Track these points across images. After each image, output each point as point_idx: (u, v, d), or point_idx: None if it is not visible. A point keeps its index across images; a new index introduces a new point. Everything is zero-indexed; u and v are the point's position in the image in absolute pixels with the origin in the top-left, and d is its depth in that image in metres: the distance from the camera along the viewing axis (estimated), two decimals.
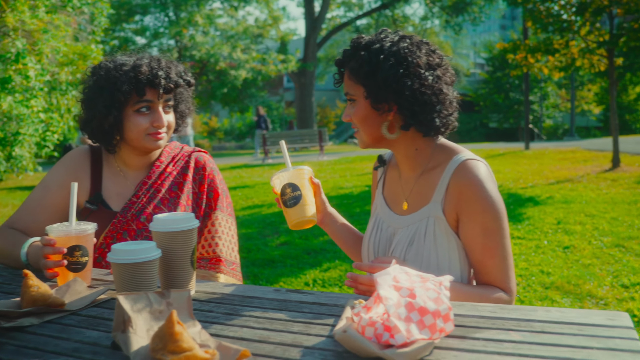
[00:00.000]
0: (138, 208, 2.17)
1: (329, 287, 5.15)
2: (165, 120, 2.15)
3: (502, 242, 1.72)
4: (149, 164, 2.28)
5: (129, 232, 2.14)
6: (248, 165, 17.88)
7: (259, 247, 6.68)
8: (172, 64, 2.19)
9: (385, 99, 1.75)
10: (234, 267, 2.29)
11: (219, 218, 2.29)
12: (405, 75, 1.72)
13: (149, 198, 2.20)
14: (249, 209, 9.41)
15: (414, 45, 1.78)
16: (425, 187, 1.84)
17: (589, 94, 37.78)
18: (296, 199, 1.83)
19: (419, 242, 1.79)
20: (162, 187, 2.23)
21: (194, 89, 2.33)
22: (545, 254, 5.89)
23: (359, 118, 1.82)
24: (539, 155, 16.48)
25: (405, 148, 1.87)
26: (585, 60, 12.16)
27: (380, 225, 1.97)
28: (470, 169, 1.74)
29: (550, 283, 4.94)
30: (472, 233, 1.72)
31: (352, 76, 1.79)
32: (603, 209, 7.89)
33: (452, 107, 1.82)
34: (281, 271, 5.69)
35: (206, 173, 2.31)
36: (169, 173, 2.26)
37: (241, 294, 1.64)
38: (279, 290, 1.65)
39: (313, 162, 17.57)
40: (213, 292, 1.67)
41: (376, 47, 1.76)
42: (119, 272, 1.46)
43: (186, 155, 2.33)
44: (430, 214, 1.78)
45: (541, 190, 9.75)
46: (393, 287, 1.25)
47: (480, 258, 1.72)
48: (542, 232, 6.79)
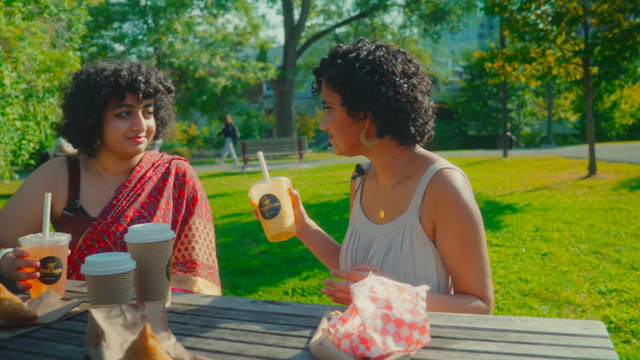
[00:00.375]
0: (118, 211, 2.19)
1: (308, 296, 5.13)
2: (145, 124, 2.18)
3: (479, 250, 1.72)
4: (129, 169, 2.31)
5: (109, 234, 2.15)
6: (227, 173, 17.80)
7: (237, 256, 6.65)
8: (153, 70, 2.23)
9: (360, 106, 1.76)
10: (212, 271, 2.31)
11: (196, 223, 2.32)
12: (379, 82, 1.74)
13: (129, 201, 2.22)
14: (228, 217, 9.37)
15: (390, 54, 1.80)
16: (402, 195, 1.85)
17: (566, 102, 38.21)
18: (275, 211, 1.83)
19: (395, 250, 1.79)
20: (142, 191, 2.26)
21: (174, 95, 2.36)
22: (523, 261, 5.93)
23: (335, 125, 1.83)
24: (517, 163, 16.62)
25: (382, 156, 1.88)
26: (562, 68, 12.31)
27: (358, 234, 1.97)
28: (447, 178, 1.74)
29: (528, 290, 4.97)
30: (449, 242, 1.73)
31: (329, 84, 1.81)
32: (580, 216, 7.97)
33: (428, 115, 1.84)
34: (260, 280, 5.67)
35: (186, 179, 2.35)
36: (149, 177, 2.30)
37: (217, 305, 1.62)
38: (255, 302, 1.64)
39: (292, 170, 17.55)
40: (189, 303, 1.65)
41: (352, 56, 1.77)
42: (93, 284, 1.44)
43: (166, 162, 2.38)
44: (407, 223, 1.79)
45: (519, 198, 9.82)
46: (369, 298, 1.24)
47: (458, 267, 1.73)
48: (521, 239, 6.84)
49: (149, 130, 2.21)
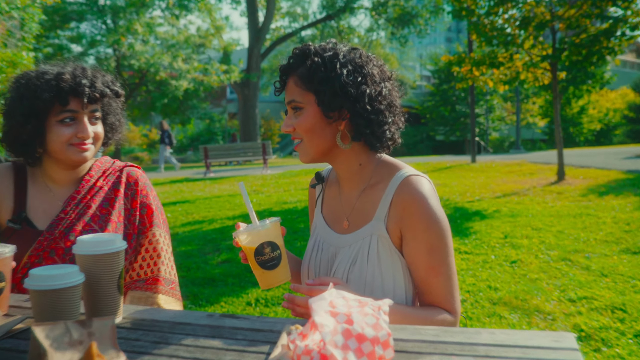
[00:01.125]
0: (66, 225, 2.10)
1: (272, 306, 5.09)
2: (91, 131, 2.10)
3: (447, 260, 1.71)
4: (78, 179, 2.21)
5: (57, 250, 2.06)
6: (189, 179, 17.65)
7: (199, 265, 6.57)
8: (99, 73, 2.16)
9: (339, 106, 1.72)
10: (173, 285, 2.25)
11: (156, 235, 2.24)
12: (363, 83, 1.72)
13: (78, 214, 2.13)
14: (189, 225, 9.27)
15: (365, 57, 1.79)
16: (367, 204, 1.82)
17: (534, 107, 38.87)
18: (276, 261, 1.70)
19: (362, 261, 1.76)
20: (92, 202, 2.17)
21: (123, 100, 2.29)
22: (492, 269, 5.97)
23: (306, 127, 1.77)
24: (485, 169, 16.81)
25: (349, 163, 1.84)
26: (530, 73, 12.50)
27: (321, 245, 1.93)
28: (414, 185, 1.73)
29: (498, 299, 5.00)
30: (416, 251, 1.71)
31: (302, 82, 1.75)
32: (549, 222, 8.07)
33: (402, 121, 1.84)
34: (222, 290, 5.61)
35: (138, 188, 2.26)
36: (100, 188, 2.21)
37: (172, 320, 1.58)
38: (212, 316, 1.59)
39: (256, 176, 17.48)
40: (142, 318, 1.60)
41: (330, 55, 1.74)
42: (38, 299, 1.39)
43: (117, 170, 2.28)
44: (373, 232, 1.76)
45: (488, 204, 9.92)
46: (329, 312, 1.21)
47: (424, 277, 1.71)
48: (489, 246, 6.89)
49: (96, 137, 2.14)
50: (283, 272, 1.73)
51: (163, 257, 2.23)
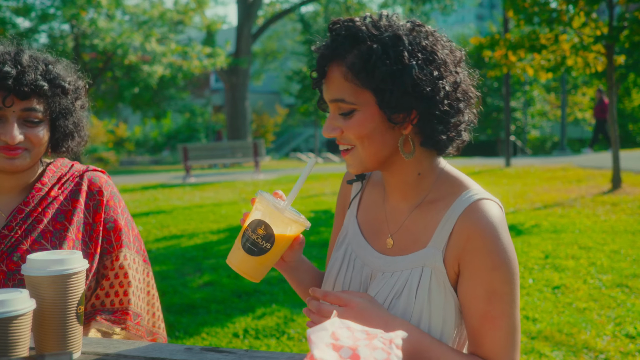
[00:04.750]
0: (10, 244, 2.07)
1: (263, 338, 5.10)
2: (20, 134, 2.02)
3: (511, 311, 1.65)
4: (26, 187, 2.19)
5: None
6: (165, 185, 17.70)
7: (176, 289, 6.59)
8: (42, 61, 2.07)
9: (408, 108, 1.64)
10: (139, 320, 2.21)
11: (127, 258, 2.21)
12: (440, 78, 1.63)
13: (26, 231, 2.11)
14: (165, 240, 9.29)
15: (433, 35, 1.69)
16: (421, 225, 1.77)
17: (584, 100, 38.88)
18: (260, 251, 1.70)
19: (409, 296, 1.71)
20: (44, 216, 2.14)
21: (81, 97, 2.21)
22: (530, 295, 5.97)
23: (363, 133, 1.67)
24: (522, 174, 16.81)
25: (407, 172, 1.77)
26: (579, 58, 12.45)
27: (353, 261, 1.88)
28: (484, 213, 1.67)
29: (537, 332, 4.99)
30: (472, 293, 1.66)
31: (355, 77, 1.64)
32: (601, 240, 8.06)
33: (474, 114, 1.77)
34: (204, 319, 5.62)
35: (103, 199, 2.23)
36: (54, 198, 2.18)
37: (143, 354, 1.59)
38: (191, 349, 1.61)
39: (246, 182, 17.51)
40: (106, 352, 1.61)
41: (390, 36, 1.63)
42: None
43: (76, 176, 2.25)
44: (427, 263, 1.71)
45: (525, 217, 9.92)
46: (331, 346, 1.21)
47: (478, 326, 1.66)
48: (527, 268, 6.89)
49: (33, 142, 2.05)
50: (256, 267, 1.72)
51: (134, 286, 2.21)
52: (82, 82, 2.21)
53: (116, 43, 25.66)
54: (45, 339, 1.53)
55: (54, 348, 1.53)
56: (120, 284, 2.19)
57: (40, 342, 1.54)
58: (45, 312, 1.51)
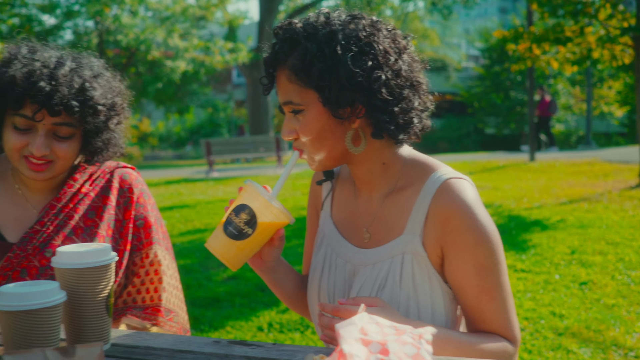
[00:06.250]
0: (43, 239, 2.09)
1: (288, 332, 5.10)
2: (46, 148, 2.01)
3: (500, 280, 1.70)
4: (58, 184, 2.20)
5: (29, 270, 2.06)
6: (188, 180, 17.75)
7: (200, 283, 6.61)
8: (81, 77, 2.04)
9: (351, 101, 1.65)
10: (171, 316, 2.22)
11: (158, 255, 2.22)
12: (376, 67, 1.64)
13: (58, 226, 2.12)
14: (189, 234, 9.32)
15: (372, 26, 1.70)
16: (394, 212, 1.78)
17: (610, 93, 38.51)
18: (241, 235, 1.69)
19: (393, 286, 1.72)
20: (75, 212, 2.15)
21: (123, 115, 2.20)
22: (556, 291, 5.93)
23: (313, 133, 1.70)
24: (547, 168, 16.70)
25: (370, 163, 1.79)
26: (605, 51, 12.33)
27: (334, 261, 1.88)
28: (456, 191, 1.70)
29: (564, 328, 4.96)
30: (463, 273, 1.69)
31: (297, 78, 1.67)
32: (629, 235, 7.99)
33: (429, 100, 1.78)
34: (228, 313, 5.64)
35: (133, 196, 2.24)
36: (85, 195, 2.18)
37: (171, 347, 1.59)
38: (219, 342, 1.61)
39: (269, 176, 17.52)
40: (135, 345, 1.62)
41: (324, 33, 1.65)
42: (9, 322, 1.40)
43: (108, 172, 2.26)
44: (406, 250, 1.73)
45: (550, 212, 9.85)
46: (360, 340, 1.21)
47: (475, 302, 1.69)
48: (553, 263, 6.85)
49: (58, 155, 2.04)
50: (233, 252, 1.71)
51: (166, 283, 2.22)
52: (122, 98, 2.20)
53: (139, 39, 25.79)
54: (75, 330, 1.54)
55: (84, 339, 1.54)
56: (151, 281, 2.20)
57: (71, 334, 1.55)
58: (75, 304, 1.52)
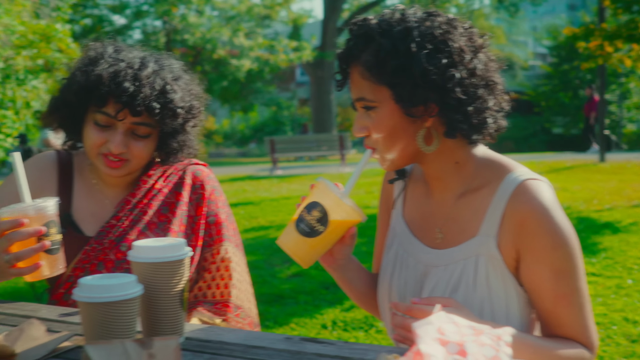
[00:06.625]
0: (118, 233, 2.13)
1: (352, 331, 5.10)
2: (124, 146, 2.06)
3: (578, 285, 1.67)
4: (133, 180, 2.24)
5: (106, 263, 2.10)
6: (252, 177, 17.89)
7: (265, 279, 6.65)
8: (163, 79, 2.08)
9: (424, 100, 1.64)
10: (239, 312, 2.24)
11: (228, 251, 2.24)
12: (450, 65, 1.63)
13: (133, 221, 2.16)
14: (254, 231, 9.39)
15: (448, 23, 1.68)
16: (468, 213, 1.76)
17: None
18: (313, 233, 1.69)
19: (466, 288, 1.71)
20: (149, 208, 2.19)
21: (199, 117, 2.22)
22: (629, 296, 5.80)
23: (385, 130, 1.70)
24: (618, 170, 16.35)
25: (442, 162, 1.78)
26: None
27: (405, 260, 1.88)
28: (533, 193, 1.66)
29: (637, 335, 4.85)
30: (540, 277, 1.66)
31: (370, 74, 1.67)
32: None
33: (505, 100, 1.76)
34: (292, 310, 5.65)
35: (205, 193, 2.27)
36: (159, 191, 2.22)
37: (244, 342, 1.60)
38: (291, 339, 1.61)
39: (332, 175, 17.55)
40: (207, 339, 1.63)
41: (399, 30, 1.64)
42: (89, 313, 1.42)
43: (180, 169, 2.29)
44: (480, 252, 1.71)
45: (622, 215, 9.64)
46: (438, 340, 1.19)
47: (552, 307, 1.67)
48: (625, 267, 6.70)
49: (134, 154, 2.08)
50: (305, 250, 1.70)
51: (235, 279, 2.24)
52: (199, 101, 2.21)
53: (205, 38, 26.15)
54: (151, 323, 1.56)
55: (159, 332, 1.56)
56: (221, 277, 2.22)
57: (146, 326, 1.57)
58: (150, 297, 1.54)
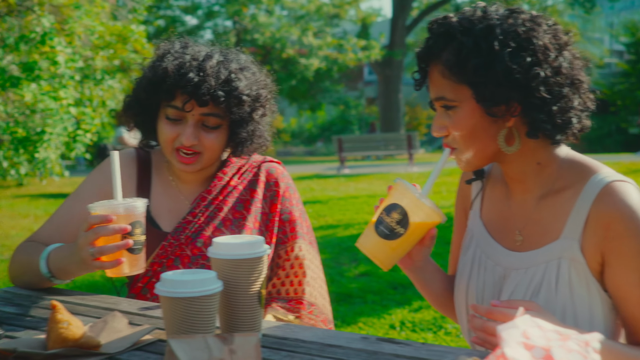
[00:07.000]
0: (194, 229, 2.17)
1: (420, 332, 5.06)
2: (195, 138, 2.08)
3: None
4: (209, 177, 2.27)
5: (182, 258, 2.14)
6: (320, 176, 17.92)
7: (333, 278, 6.65)
8: (227, 69, 2.10)
9: (506, 99, 1.61)
10: (312, 309, 2.25)
11: (302, 249, 2.25)
12: (534, 63, 1.59)
13: (208, 218, 2.19)
14: (321, 229, 9.40)
15: (531, 21, 1.64)
16: (550, 215, 1.72)
17: None
18: (393, 235, 1.67)
19: (548, 292, 1.67)
20: (225, 204, 2.22)
21: (269, 108, 2.23)
22: None
23: (465, 130, 1.67)
24: None
25: (523, 163, 1.73)
26: None
27: (483, 262, 1.85)
28: (620, 195, 1.62)
29: None
30: (626, 282, 1.61)
31: (450, 73, 1.64)
32: None
33: (590, 99, 1.71)
34: (360, 309, 5.64)
35: (280, 190, 2.28)
36: (234, 187, 2.25)
37: (320, 340, 1.60)
38: (367, 339, 1.61)
39: (400, 174, 17.46)
40: (284, 337, 1.64)
41: (481, 28, 1.60)
42: (171, 308, 1.45)
43: (255, 166, 2.31)
44: (563, 255, 1.67)
45: None
46: (523, 344, 1.18)
47: (638, 314, 1.62)
48: None
49: (205, 146, 2.10)
50: (385, 252, 1.69)
51: (309, 277, 2.25)
52: (267, 90, 2.22)
53: (275, 37, 26.31)
54: (229, 319, 1.58)
55: (237, 328, 1.57)
56: (295, 274, 2.23)
57: (225, 322, 1.59)
58: (229, 294, 1.55)
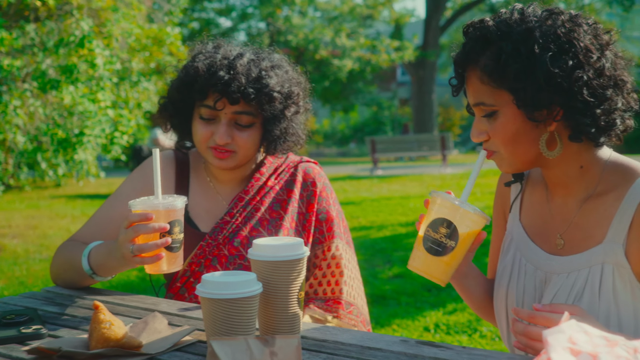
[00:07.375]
0: (232, 230, 2.17)
1: (455, 334, 5.03)
2: (228, 136, 2.09)
3: None
4: (245, 177, 2.28)
5: (220, 258, 2.15)
6: (353, 177, 17.91)
7: (366, 280, 6.63)
8: (258, 67, 2.11)
9: (548, 103, 1.56)
10: (351, 309, 2.23)
11: (339, 249, 2.25)
12: (576, 66, 1.54)
13: (245, 218, 2.20)
14: (355, 231, 9.39)
15: (571, 21, 1.60)
16: (593, 219, 1.68)
17: None
18: (443, 250, 1.63)
19: (591, 297, 1.63)
20: (262, 204, 2.22)
21: (295, 103, 2.21)
22: None
23: (506, 135, 1.63)
24: None
25: (566, 167, 1.70)
26: None
27: (523, 266, 1.82)
28: None
29: None
30: None
31: (490, 79, 1.60)
32: None
33: (633, 99, 1.67)
34: (394, 311, 5.62)
35: (317, 190, 2.28)
36: (271, 188, 2.25)
37: (360, 343, 1.60)
38: (407, 341, 1.60)
39: (433, 175, 17.40)
40: (323, 339, 1.64)
41: (520, 31, 1.57)
42: (211, 309, 1.45)
43: (292, 167, 2.31)
44: (607, 259, 1.63)
45: None
46: (569, 350, 1.15)
47: None
48: None
49: (239, 144, 2.11)
50: (440, 268, 1.64)
51: (347, 276, 2.24)
52: (300, 88, 2.22)
53: (308, 39, 26.35)
54: (269, 321, 1.58)
55: (277, 330, 1.57)
56: (332, 274, 2.22)
57: (264, 324, 1.59)
58: (269, 296, 1.55)
